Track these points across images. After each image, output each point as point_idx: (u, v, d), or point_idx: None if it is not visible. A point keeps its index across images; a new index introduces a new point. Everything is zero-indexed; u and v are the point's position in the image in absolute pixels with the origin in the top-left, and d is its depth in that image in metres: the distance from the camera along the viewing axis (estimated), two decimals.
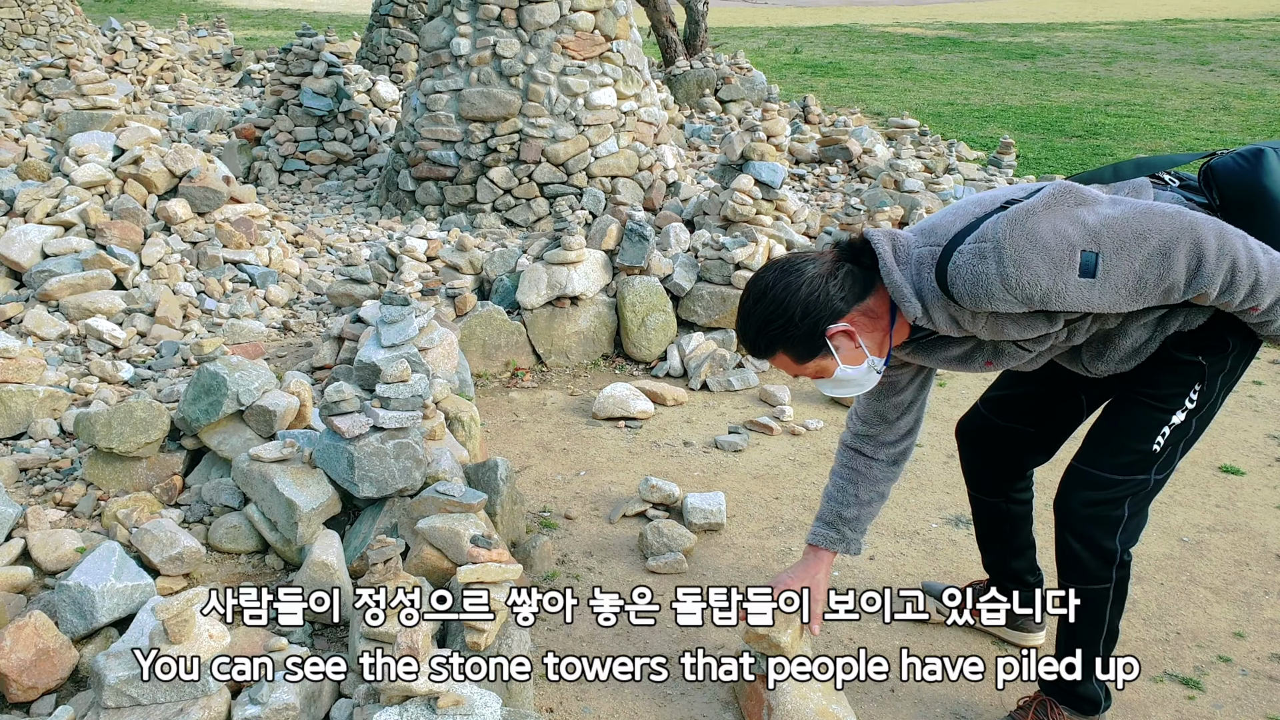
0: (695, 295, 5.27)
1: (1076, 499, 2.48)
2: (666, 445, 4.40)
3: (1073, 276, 2.06)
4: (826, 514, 2.72)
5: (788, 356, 2.28)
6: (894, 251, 2.22)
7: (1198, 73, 16.33)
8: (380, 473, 3.04)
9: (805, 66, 17.27)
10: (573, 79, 7.30)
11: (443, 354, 4.01)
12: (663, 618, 3.20)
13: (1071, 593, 2.55)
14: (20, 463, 3.66)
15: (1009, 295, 2.08)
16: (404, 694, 2.16)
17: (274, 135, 8.83)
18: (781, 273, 2.24)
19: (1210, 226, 2.10)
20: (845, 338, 2.25)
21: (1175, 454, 2.44)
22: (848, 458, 2.71)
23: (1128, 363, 2.38)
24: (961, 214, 2.23)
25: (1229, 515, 3.87)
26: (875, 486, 2.68)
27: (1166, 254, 2.07)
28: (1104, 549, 2.47)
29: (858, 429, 2.68)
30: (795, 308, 2.21)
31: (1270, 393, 5.01)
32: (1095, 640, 2.57)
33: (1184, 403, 2.37)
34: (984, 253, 2.08)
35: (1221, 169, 2.30)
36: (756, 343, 2.28)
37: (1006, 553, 3.01)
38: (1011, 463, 2.85)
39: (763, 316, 2.24)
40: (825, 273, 2.23)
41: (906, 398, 2.58)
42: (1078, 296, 2.08)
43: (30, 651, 2.52)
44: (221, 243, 5.79)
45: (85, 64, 7.64)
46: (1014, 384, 2.79)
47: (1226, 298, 2.14)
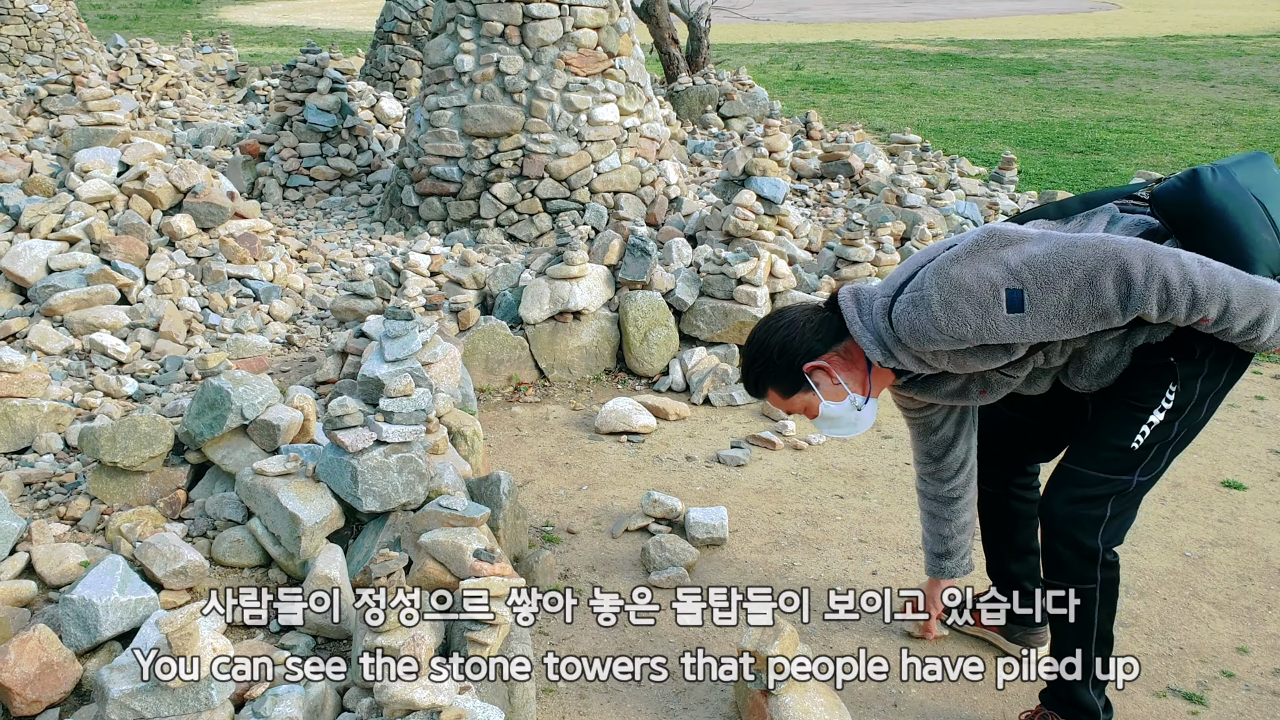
0: (697, 310, 5.29)
1: (1060, 496, 2.55)
2: (669, 460, 4.40)
3: (1000, 314, 2.23)
4: (928, 555, 3.02)
5: (775, 392, 2.55)
6: (858, 305, 2.46)
7: (1199, 89, 16.37)
8: (383, 487, 3.05)
9: (807, 82, 17.33)
10: (576, 95, 7.34)
11: (446, 368, 4.02)
12: (663, 629, 3.20)
13: (1057, 593, 2.59)
14: (25, 477, 3.67)
15: (944, 336, 2.28)
16: (407, 708, 2.17)
17: (278, 151, 8.87)
18: (768, 319, 2.58)
19: (1137, 250, 2.20)
20: (824, 374, 2.49)
21: (1160, 457, 2.48)
22: (922, 500, 2.95)
23: (1104, 377, 2.49)
24: (909, 265, 2.45)
25: (1232, 530, 3.87)
26: (957, 519, 2.91)
27: (1093, 282, 2.19)
28: (1085, 547, 2.51)
29: (919, 470, 2.91)
30: (774, 347, 2.50)
31: (1272, 407, 5.01)
32: (1086, 644, 2.59)
33: (1160, 401, 2.43)
34: (916, 301, 2.30)
35: (1161, 194, 2.40)
36: (748, 382, 2.58)
37: (1006, 551, 3.04)
38: (1013, 453, 2.93)
39: (750, 356, 2.55)
40: (804, 319, 2.52)
41: (947, 434, 2.78)
42: (1010, 330, 2.25)
43: (34, 665, 2.52)
44: (226, 258, 5.82)
45: (91, 80, 7.69)
46: None
47: (1170, 314, 2.22)
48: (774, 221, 5.85)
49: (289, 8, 34.39)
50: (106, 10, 30.05)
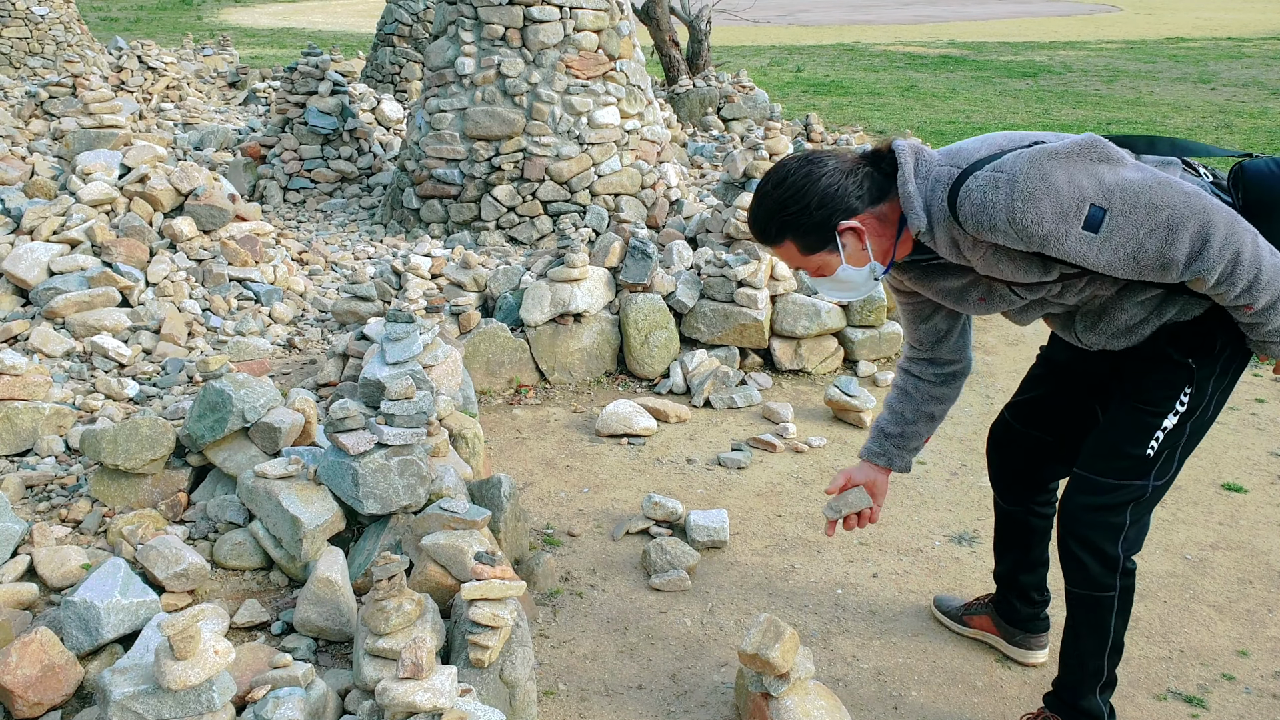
0: (698, 312, 5.29)
1: (1077, 504, 2.52)
2: (669, 462, 4.40)
3: (1076, 227, 2.08)
4: (873, 430, 2.80)
5: (795, 245, 2.31)
6: (915, 164, 2.25)
7: (1199, 91, 16.37)
8: (384, 489, 3.05)
9: (807, 85, 17.33)
10: (576, 98, 7.34)
11: (447, 371, 4.03)
12: (665, 633, 3.20)
13: (1076, 599, 2.57)
14: (26, 479, 3.67)
15: (1011, 229, 2.10)
16: (408, 710, 2.17)
17: (279, 153, 8.88)
18: (804, 163, 2.28)
19: (1224, 215, 2.10)
20: (854, 236, 2.28)
21: (1172, 461, 2.46)
22: (899, 378, 2.77)
23: (1119, 340, 2.40)
24: (989, 144, 2.25)
25: (1232, 533, 3.87)
26: (921, 406, 2.72)
27: (1173, 229, 2.07)
28: (1107, 555, 2.50)
29: (908, 352, 2.74)
30: (813, 196, 2.24)
31: (1273, 410, 5.01)
32: (1100, 651, 2.58)
33: (1174, 406, 2.39)
34: (997, 182, 2.10)
35: (1252, 170, 2.30)
36: (768, 228, 2.31)
37: (1020, 565, 3.02)
38: (1031, 471, 2.89)
39: (779, 201, 2.27)
40: (846, 169, 2.27)
41: (939, 326, 2.63)
42: (1077, 249, 2.11)
43: (36, 668, 2.53)
44: (227, 260, 5.82)
45: (92, 82, 7.70)
46: (1034, 387, 2.85)
47: (1223, 288, 2.14)
48: None
49: (290, 10, 34.42)
50: (107, 12, 30.07)
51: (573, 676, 2.99)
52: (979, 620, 3.16)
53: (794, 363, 5.33)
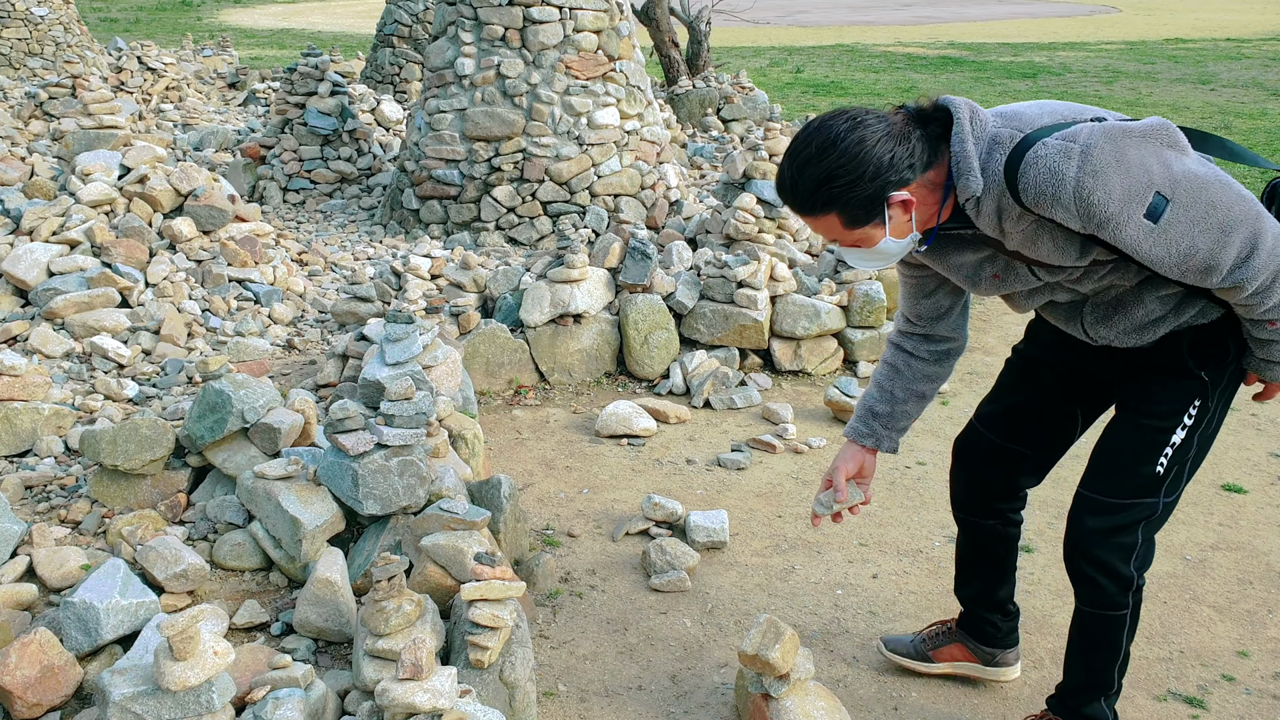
0: (698, 313, 5.29)
1: (1088, 526, 2.43)
2: (669, 463, 4.40)
3: (1138, 213, 1.97)
4: (860, 408, 2.65)
5: (840, 219, 2.10)
6: (970, 122, 2.07)
7: (1199, 92, 16.38)
8: (384, 490, 3.05)
9: (807, 86, 17.34)
10: (576, 99, 7.34)
11: (446, 372, 4.03)
12: (665, 634, 3.20)
13: (1088, 617, 2.53)
14: (25, 480, 3.67)
15: (1074, 204, 1.97)
16: (408, 711, 2.17)
17: (279, 154, 8.88)
18: (852, 125, 2.03)
19: (1274, 225, 2.05)
20: (901, 209, 2.09)
21: (1182, 476, 2.39)
22: (890, 354, 2.62)
23: (1131, 336, 2.30)
24: (1049, 111, 2.10)
25: (1232, 534, 3.87)
26: (912, 385, 2.58)
27: (1226, 232, 2.00)
28: (1121, 576, 2.43)
29: (901, 325, 2.60)
30: (868, 165, 2.02)
31: (1273, 411, 5.01)
32: (1110, 665, 2.56)
33: (1183, 419, 2.32)
34: (1070, 152, 1.96)
35: None
36: (813, 198, 2.07)
37: (995, 578, 2.88)
38: (1007, 484, 2.74)
39: (828, 169, 2.03)
40: (898, 134, 2.05)
41: (942, 303, 2.50)
42: (1133, 236, 2.00)
43: (35, 668, 2.52)
44: (226, 261, 5.82)
45: (91, 83, 7.69)
46: (1009, 395, 2.70)
47: (1257, 299, 2.07)
48: (774, 225, 5.85)
49: (289, 11, 34.42)
50: (107, 13, 30.07)
51: (572, 677, 2.99)
52: (948, 651, 2.97)
53: (794, 363, 5.33)
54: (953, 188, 2.11)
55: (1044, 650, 3.15)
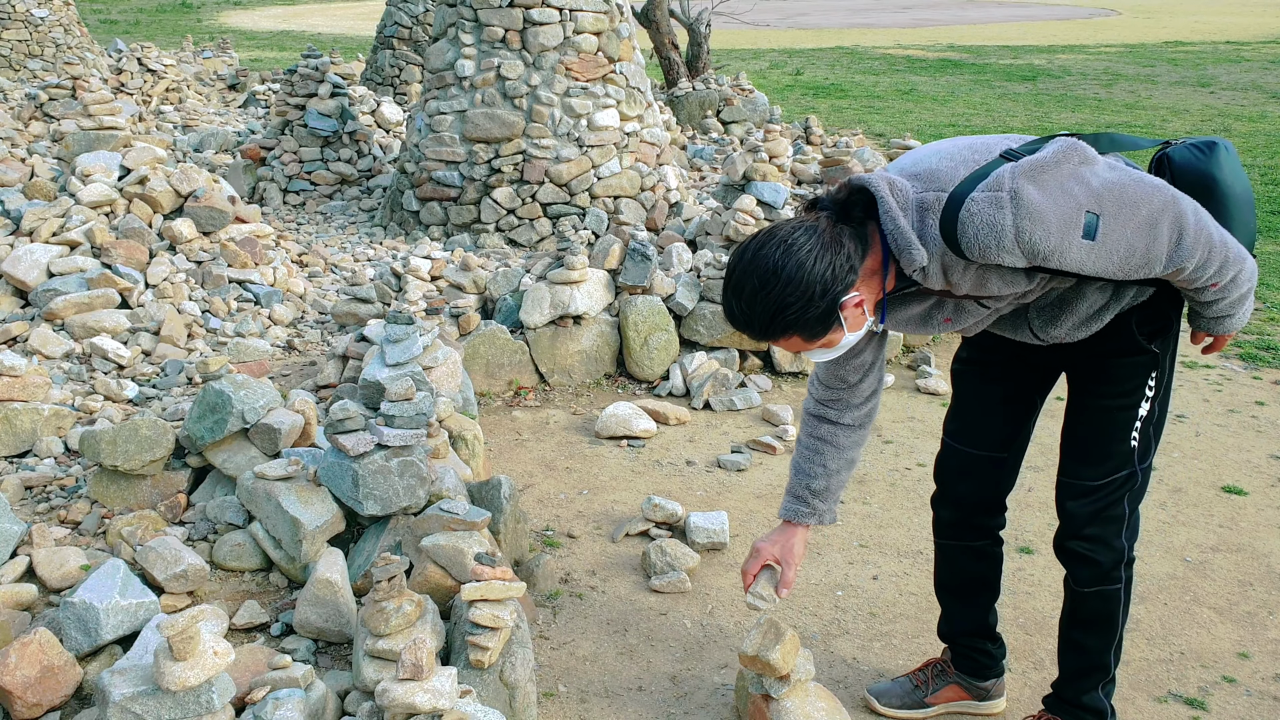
0: (698, 315, 5.29)
1: (1076, 510, 2.49)
2: (669, 464, 4.40)
3: (1076, 237, 2.01)
4: (796, 488, 2.58)
5: (800, 338, 2.12)
6: (893, 197, 2.09)
7: (1198, 95, 16.38)
8: (384, 491, 3.05)
9: (807, 88, 17.35)
10: (576, 100, 7.35)
11: (446, 373, 4.03)
12: (665, 635, 3.20)
13: (1084, 598, 2.55)
14: (25, 480, 3.67)
15: (1018, 249, 2.00)
16: (408, 711, 2.16)
17: (279, 156, 8.88)
18: (786, 249, 2.04)
19: (1188, 203, 2.11)
20: (855, 308, 2.11)
21: (1151, 441, 2.46)
22: (813, 427, 2.56)
23: (1082, 329, 2.33)
24: (958, 159, 2.12)
25: (1232, 535, 3.87)
26: (843, 454, 2.55)
27: (1154, 225, 2.05)
28: (1114, 548, 2.49)
29: (821, 395, 2.54)
30: (814, 287, 2.03)
31: (1273, 413, 5.01)
32: (1107, 648, 2.57)
33: (1145, 393, 2.40)
34: (1000, 202, 1.98)
35: (1178, 158, 2.30)
36: (770, 328, 2.08)
37: (987, 603, 2.85)
38: (992, 494, 2.73)
39: (778, 302, 2.04)
40: (829, 242, 2.06)
41: (867, 359, 2.46)
42: (1077, 258, 2.03)
43: (35, 669, 2.52)
44: (226, 262, 5.82)
45: (91, 84, 7.69)
46: (970, 405, 2.70)
47: (1198, 274, 2.14)
48: None
49: (289, 12, 34.44)
50: (107, 15, 30.09)
51: (573, 678, 2.99)
52: (944, 694, 2.89)
53: (794, 365, 5.33)
54: (892, 259, 2.14)
55: (1044, 651, 3.14)
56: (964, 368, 2.71)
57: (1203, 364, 5.67)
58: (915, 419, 4.91)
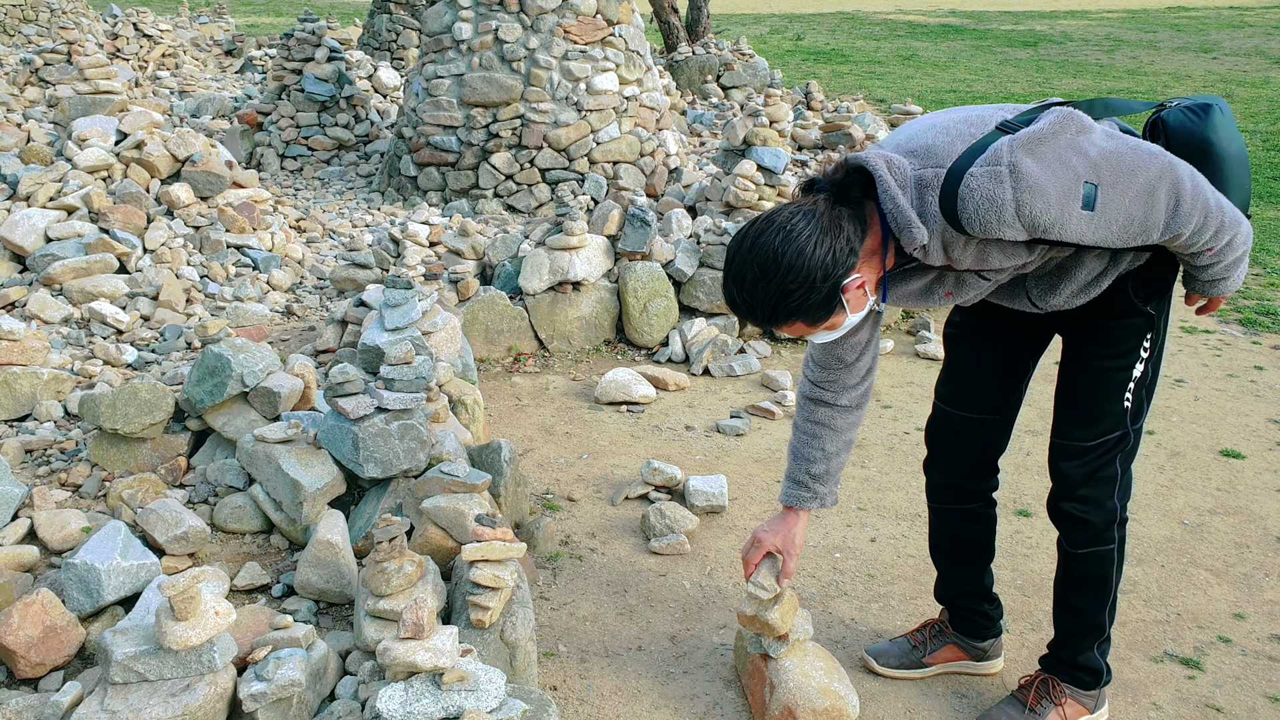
0: (697, 281, 5.28)
1: (1069, 470, 2.50)
2: (668, 429, 4.41)
3: (1075, 208, 2.01)
4: (795, 472, 2.59)
5: (803, 324, 2.12)
6: (891, 174, 2.07)
7: (1201, 61, 16.28)
8: (385, 453, 3.05)
9: (808, 53, 17.22)
10: (575, 64, 7.30)
11: (446, 338, 4.02)
12: (664, 596, 3.22)
13: (1077, 559, 2.56)
14: (25, 444, 3.67)
15: (1018, 222, 1.99)
16: (409, 670, 2.18)
17: (276, 121, 8.83)
18: (785, 236, 2.04)
19: (1184, 169, 2.11)
20: (857, 289, 2.11)
21: (1143, 402, 2.46)
22: (809, 411, 2.56)
23: (1079, 297, 2.33)
24: (954, 134, 2.10)
25: (1230, 499, 3.88)
26: (841, 436, 2.55)
27: (1151, 192, 2.05)
28: (1106, 508, 2.50)
29: (817, 377, 2.53)
30: (815, 272, 2.03)
31: (1272, 377, 5.01)
32: (1101, 608, 2.59)
33: (1140, 354, 2.40)
34: (999, 176, 1.97)
35: (1173, 121, 2.29)
36: (774, 316, 2.09)
37: (982, 565, 2.86)
38: (984, 456, 2.73)
39: (779, 289, 2.04)
40: (828, 225, 2.05)
41: (863, 336, 2.46)
42: (1076, 229, 2.03)
43: (37, 629, 2.53)
44: (224, 227, 5.80)
45: (87, 49, 7.63)
46: (962, 367, 2.71)
47: (1196, 239, 2.14)
48: (774, 192, 5.83)
49: None
50: None
51: (573, 638, 3.01)
52: (942, 654, 2.90)
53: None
54: (892, 237, 2.13)
55: (1041, 612, 3.16)
56: (957, 331, 2.71)
57: (1202, 329, 5.67)
58: (914, 384, 4.91)
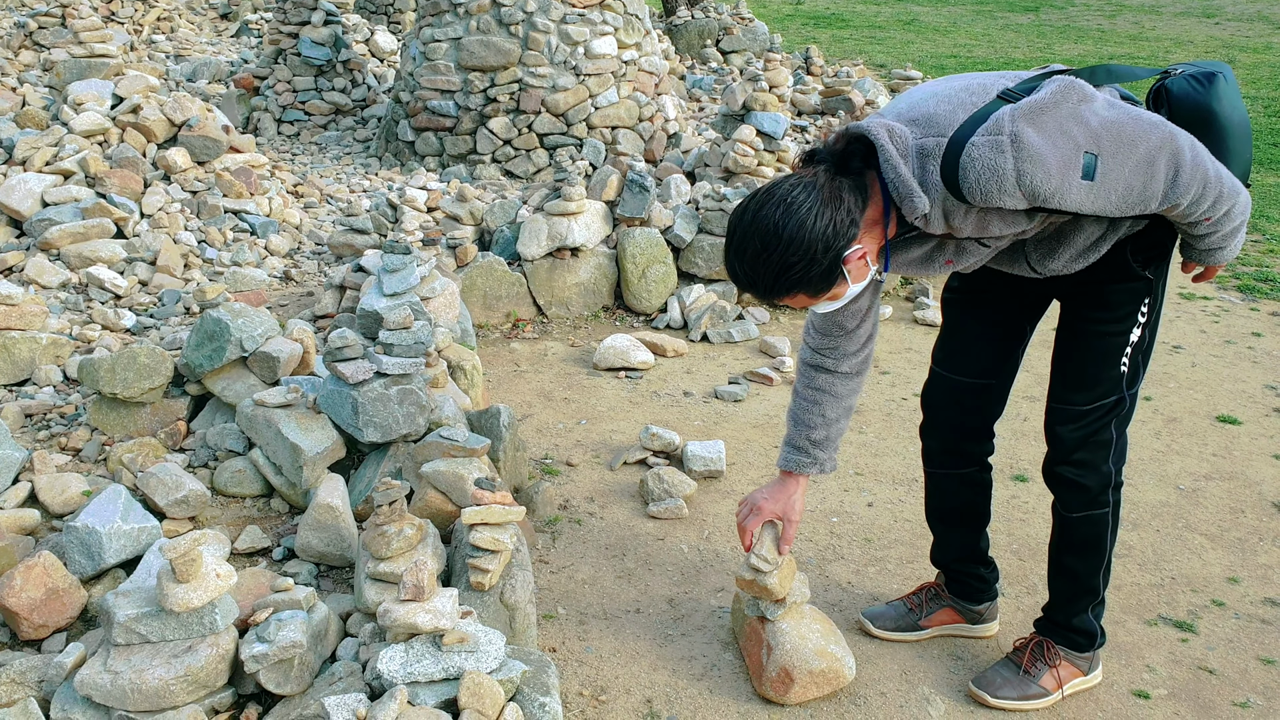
0: (696, 247, 5.27)
1: (1065, 434, 2.51)
2: (666, 395, 4.42)
3: (1075, 178, 2.01)
4: (795, 438, 2.60)
5: (805, 295, 2.13)
6: (892, 143, 2.07)
7: (1203, 26, 16.17)
8: (384, 418, 3.06)
9: (808, 18, 17.10)
10: (573, 27, 7.24)
11: (444, 303, 4.02)
12: (662, 559, 3.24)
13: (1072, 523, 2.58)
14: (25, 408, 3.68)
15: (1018, 191, 2.00)
16: (410, 631, 2.20)
17: (272, 85, 8.77)
18: (786, 209, 2.04)
19: (1185, 139, 2.11)
20: (858, 260, 2.12)
21: (1139, 367, 2.47)
22: (810, 377, 2.57)
23: (1078, 261, 2.33)
24: (955, 102, 2.10)
25: (1225, 464, 3.90)
26: (841, 402, 2.56)
27: (1151, 162, 2.05)
28: (1101, 473, 2.51)
29: (818, 344, 2.54)
30: (815, 245, 2.04)
31: (1269, 344, 5.02)
32: (1096, 570, 2.60)
33: (1137, 319, 2.41)
34: (1000, 146, 1.98)
35: (1177, 89, 2.28)
36: (775, 288, 2.10)
37: (977, 529, 2.87)
38: (980, 422, 2.74)
39: (781, 263, 2.05)
40: (829, 197, 2.05)
41: (863, 303, 2.46)
42: (1076, 199, 2.04)
43: (40, 591, 2.55)
44: (222, 192, 5.78)
45: (82, 12, 7.57)
46: (960, 332, 2.71)
47: (1194, 209, 2.14)
48: (774, 157, 5.81)
49: None
50: None
51: (572, 601, 3.03)
52: (938, 617, 2.92)
53: None
54: (893, 206, 2.13)
55: (1036, 576, 3.19)
56: (954, 295, 2.71)
57: (1200, 295, 5.67)
58: (912, 350, 4.92)
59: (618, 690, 2.66)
